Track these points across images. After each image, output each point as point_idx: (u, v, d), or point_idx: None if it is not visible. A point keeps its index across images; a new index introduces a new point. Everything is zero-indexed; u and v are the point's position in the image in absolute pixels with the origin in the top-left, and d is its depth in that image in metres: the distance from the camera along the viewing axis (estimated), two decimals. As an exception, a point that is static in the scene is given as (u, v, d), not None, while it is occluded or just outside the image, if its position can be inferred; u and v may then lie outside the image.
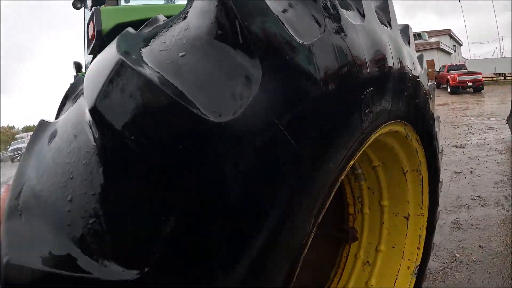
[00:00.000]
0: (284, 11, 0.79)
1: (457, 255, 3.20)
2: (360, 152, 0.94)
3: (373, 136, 1.03)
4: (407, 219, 1.92)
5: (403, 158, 1.62)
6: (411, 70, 1.29)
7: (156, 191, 0.61)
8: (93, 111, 0.65)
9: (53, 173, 0.68)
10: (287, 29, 0.75)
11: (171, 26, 0.76)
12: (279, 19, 0.75)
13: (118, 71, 0.65)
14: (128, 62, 0.64)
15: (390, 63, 1.06)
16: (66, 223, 0.62)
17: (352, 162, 0.90)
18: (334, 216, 2.01)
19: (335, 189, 0.84)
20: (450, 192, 4.73)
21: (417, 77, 1.37)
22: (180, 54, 0.68)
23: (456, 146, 7.54)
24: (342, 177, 0.86)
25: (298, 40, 0.75)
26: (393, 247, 1.98)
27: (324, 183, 0.80)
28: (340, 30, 0.86)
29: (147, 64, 0.66)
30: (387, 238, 1.99)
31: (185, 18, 0.76)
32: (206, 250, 0.62)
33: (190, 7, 0.76)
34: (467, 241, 3.42)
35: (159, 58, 0.68)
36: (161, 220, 0.59)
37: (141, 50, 0.70)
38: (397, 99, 1.12)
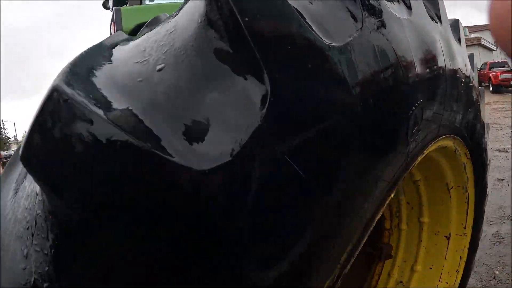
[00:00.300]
0: (307, 2, 0.58)
1: (497, 272, 2.95)
2: (402, 180, 0.75)
3: (420, 158, 0.84)
4: (448, 239, 1.76)
5: (449, 173, 1.42)
6: (464, 73, 1.08)
7: (108, 264, 0.45)
8: (23, 160, 0.47)
9: (14, 217, 0.54)
10: (310, 26, 0.54)
11: (160, 27, 0.57)
12: (299, 13, 0.54)
13: (50, 104, 0.45)
14: (65, 89, 0.44)
15: (442, 67, 0.86)
16: (20, 282, 0.49)
17: (392, 195, 0.71)
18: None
19: (369, 231, 0.66)
20: (492, 201, 4.39)
21: (470, 81, 1.16)
22: (158, 67, 0.49)
23: (499, 150, 7.05)
24: (379, 216, 0.68)
25: (326, 41, 0.55)
26: (430, 268, 1.84)
27: (356, 229, 0.62)
28: (382, 26, 0.65)
29: (98, 89, 0.46)
30: (425, 258, 1.83)
31: (175, 16, 0.56)
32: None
33: (186, 2, 0.57)
34: (508, 257, 3.16)
35: (128, 75, 0.49)
36: None
37: (103, 65, 0.51)
38: (448, 110, 0.92)
